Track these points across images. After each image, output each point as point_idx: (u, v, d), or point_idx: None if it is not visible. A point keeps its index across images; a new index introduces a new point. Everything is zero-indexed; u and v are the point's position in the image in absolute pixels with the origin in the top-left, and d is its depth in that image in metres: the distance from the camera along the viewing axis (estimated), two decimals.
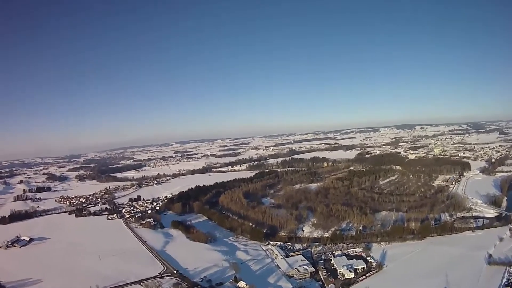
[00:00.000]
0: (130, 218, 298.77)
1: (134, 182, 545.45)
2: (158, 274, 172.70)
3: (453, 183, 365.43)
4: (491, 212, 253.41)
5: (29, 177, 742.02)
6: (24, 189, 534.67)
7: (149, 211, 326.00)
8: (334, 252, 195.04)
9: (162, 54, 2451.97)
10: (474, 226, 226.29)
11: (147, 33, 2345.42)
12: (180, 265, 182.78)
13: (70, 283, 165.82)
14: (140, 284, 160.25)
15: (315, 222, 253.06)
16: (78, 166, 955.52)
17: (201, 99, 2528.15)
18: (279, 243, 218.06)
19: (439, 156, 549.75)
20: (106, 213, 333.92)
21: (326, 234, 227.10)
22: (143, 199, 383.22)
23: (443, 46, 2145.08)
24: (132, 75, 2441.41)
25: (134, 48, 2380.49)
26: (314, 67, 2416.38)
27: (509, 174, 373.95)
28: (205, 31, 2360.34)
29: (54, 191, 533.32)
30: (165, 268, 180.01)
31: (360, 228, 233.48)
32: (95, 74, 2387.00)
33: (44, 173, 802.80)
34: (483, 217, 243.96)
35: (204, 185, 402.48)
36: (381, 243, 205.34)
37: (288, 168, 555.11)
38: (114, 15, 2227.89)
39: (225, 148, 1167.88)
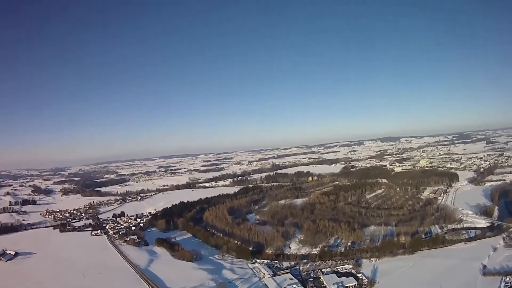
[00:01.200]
0: (114, 235, 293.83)
1: (118, 197, 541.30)
2: None
3: (442, 194, 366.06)
4: (482, 223, 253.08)
5: (15, 189, 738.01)
6: (10, 201, 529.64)
7: (133, 228, 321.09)
8: (323, 270, 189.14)
9: (145, 71, 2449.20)
10: (466, 237, 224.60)
11: (132, 47, 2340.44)
12: (165, 285, 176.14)
13: None
14: None
15: (302, 238, 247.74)
16: (63, 179, 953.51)
17: (183, 114, 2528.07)
18: (266, 261, 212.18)
19: (425, 168, 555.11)
20: (90, 228, 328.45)
21: (314, 251, 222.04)
22: (127, 215, 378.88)
23: (424, 58, 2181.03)
24: (117, 90, 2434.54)
25: (118, 64, 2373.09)
26: (297, 81, 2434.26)
27: (499, 183, 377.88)
28: (189, 46, 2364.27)
29: (39, 204, 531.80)
30: None
31: (349, 244, 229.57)
32: (81, 88, 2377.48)
33: (30, 186, 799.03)
34: (475, 228, 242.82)
35: (188, 201, 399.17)
36: (371, 259, 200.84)
37: (272, 183, 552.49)
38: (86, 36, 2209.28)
39: (209, 163, 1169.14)
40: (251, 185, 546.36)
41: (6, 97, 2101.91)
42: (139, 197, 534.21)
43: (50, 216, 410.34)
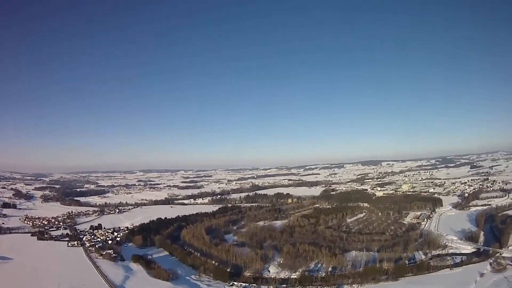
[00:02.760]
0: (91, 247, 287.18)
1: (96, 209, 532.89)
2: None
3: (425, 220, 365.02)
4: (468, 248, 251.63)
5: None
6: None
7: (110, 241, 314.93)
8: None
9: (128, 84, 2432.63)
10: (452, 263, 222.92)
11: (117, 55, 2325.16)
12: None
13: None
14: None
15: (281, 262, 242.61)
16: (44, 185, 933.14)
17: (165, 129, 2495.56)
18: (244, 284, 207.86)
19: (408, 193, 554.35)
20: (67, 239, 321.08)
21: (294, 275, 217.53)
22: (104, 228, 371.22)
23: (406, 81, 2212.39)
24: (101, 100, 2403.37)
25: (102, 71, 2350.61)
26: (278, 102, 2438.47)
27: (484, 208, 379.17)
28: (172, 59, 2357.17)
29: (20, 209, 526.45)
30: None
31: (330, 269, 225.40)
32: (66, 95, 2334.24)
33: (11, 189, 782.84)
34: (461, 254, 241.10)
35: (166, 218, 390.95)
36: (354, 285, 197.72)
37: (251, 204, 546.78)
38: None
39: (188, 180, 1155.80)
40: (230, 205, 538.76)
41: None
42: (117, 210, 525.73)
43: (28, 222, 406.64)
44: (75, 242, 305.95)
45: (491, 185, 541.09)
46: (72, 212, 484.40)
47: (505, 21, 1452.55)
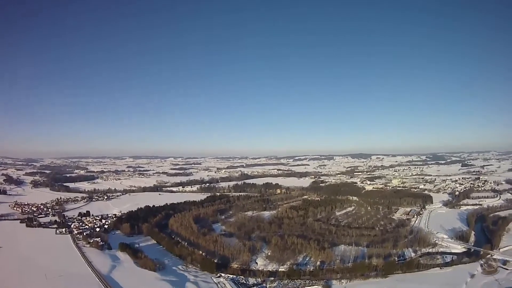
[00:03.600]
0: (78, 235, 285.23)
1: (84, 195, 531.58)
2: None
3: (415, 216, 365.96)
4: (458, 248, 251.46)
5: None
6: None
7: (98, 229, 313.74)
8: None
9: (121, 72, 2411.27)
10: (442, 262, 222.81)
11: (110, 43, 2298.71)
12: None
13: None
14: None
15: (269, 254, 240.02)
16: (35, 171, 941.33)
17: (155, 115, 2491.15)
18: (231, 276, 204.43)
19: (398, 188, 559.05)
20: (55, 226, 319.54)
21: (282, 268, 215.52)
22: (92, 215, 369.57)
23: (400, 78, 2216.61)
24: (93, 88, 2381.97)
25: (96, 60, 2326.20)
26: (269, 93, 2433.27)
27: (476, 207, 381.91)
28: (169, 47, 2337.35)
29: (9, 194, 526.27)
30: None
31: (318, 263, 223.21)
32: (58, 82, 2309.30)
33: (2, 174, 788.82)
34: (451, 253, 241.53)
35: (154, 206, 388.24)
36: (342, 281, 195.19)
37: (240, 193, 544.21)
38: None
39: (177, 167, 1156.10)
40: (218, 193, 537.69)
41: None
42: (106, 197, 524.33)
43: (18, 209, 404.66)
44: (63, 230, 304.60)
45: (483, 185, 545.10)
46: (61, 198, 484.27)
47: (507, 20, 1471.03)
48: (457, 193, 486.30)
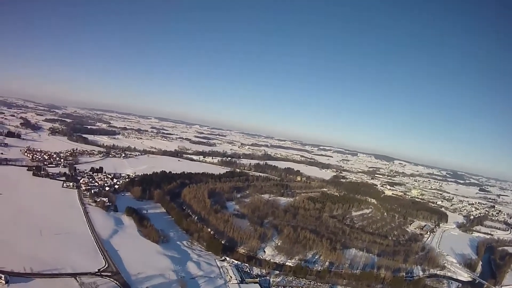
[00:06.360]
0: (86, 191, 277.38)
1: (102, 149, 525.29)
2: (97, 270, 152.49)
3: (428, 232, 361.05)
4: (464, 276, 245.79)
5: (5, 118, 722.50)
6: None
7: (107, 188, 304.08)
8: None
9: (160, 30, 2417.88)
10: None
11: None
12: (123, 265, 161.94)
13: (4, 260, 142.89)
14: (76, 279, 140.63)
15: (279, 245, 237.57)
16: (55, 118, 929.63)
17: (187, 79, 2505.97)
18: (236, 261, 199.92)
19: (416, 199, 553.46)
20: (64, 178, 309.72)
21: (289, 262, 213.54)
22: (105, 172, 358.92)
23: (435, 92, 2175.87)
24: (127, 41, 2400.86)
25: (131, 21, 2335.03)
26: (304, 78, 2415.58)
27: (487, 236, 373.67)
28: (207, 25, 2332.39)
29: (23, 139, 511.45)
30: (107, 265, 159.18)
31: (327, 263, 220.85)
32: (92, 33, 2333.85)
33: (21, 117, 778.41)
34: (457, 280, 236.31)
35: (170, 172, 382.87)
36: None
37: (260, 173, 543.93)
38: None
39: (201, 135, 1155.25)
40: (238, 170, 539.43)
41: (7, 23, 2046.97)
42: (123, 155, 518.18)
43: (29, 155, 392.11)
44: (71, 184, 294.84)
45: (497, 215, 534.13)
46: (76, 149, 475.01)
47: None
48: (472, 217, 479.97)
